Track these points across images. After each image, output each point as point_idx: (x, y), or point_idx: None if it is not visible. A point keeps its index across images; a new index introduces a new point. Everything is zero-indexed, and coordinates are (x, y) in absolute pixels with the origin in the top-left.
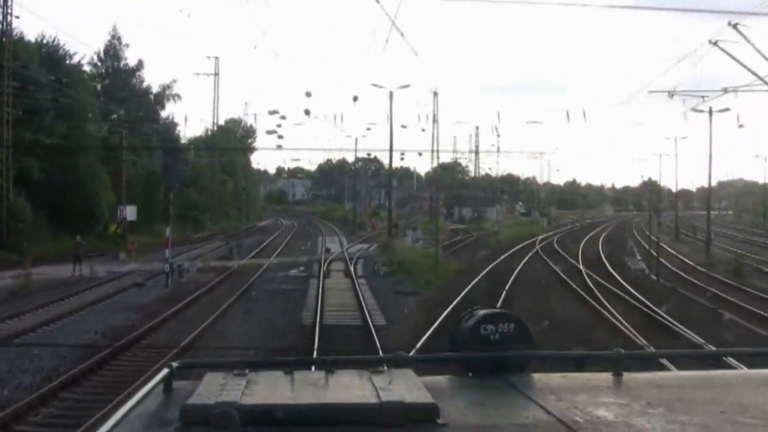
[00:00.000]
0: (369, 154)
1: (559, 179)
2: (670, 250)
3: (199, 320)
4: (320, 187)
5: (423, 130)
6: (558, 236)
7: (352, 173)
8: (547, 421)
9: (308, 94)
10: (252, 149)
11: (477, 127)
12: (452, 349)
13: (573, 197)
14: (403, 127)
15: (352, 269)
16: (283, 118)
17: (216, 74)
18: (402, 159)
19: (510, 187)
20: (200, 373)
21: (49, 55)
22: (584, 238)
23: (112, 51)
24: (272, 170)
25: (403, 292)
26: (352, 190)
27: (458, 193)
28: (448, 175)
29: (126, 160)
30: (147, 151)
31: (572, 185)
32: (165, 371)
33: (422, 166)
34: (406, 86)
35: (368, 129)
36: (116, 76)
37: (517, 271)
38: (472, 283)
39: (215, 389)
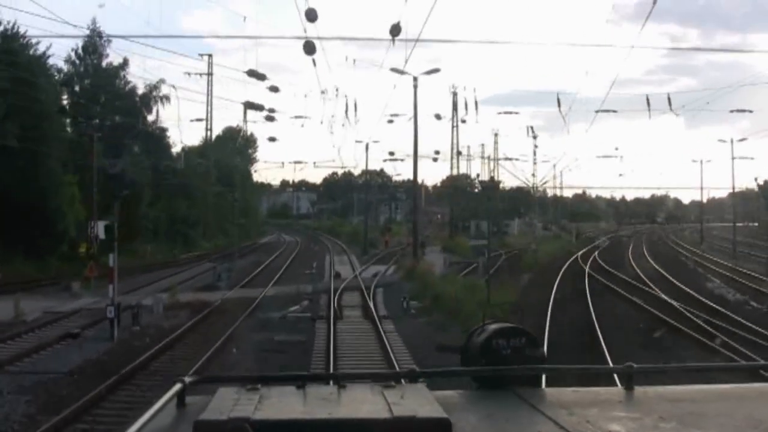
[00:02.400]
0: (391, 154)
1: (568, 192)
2: (743, 270)
3: (132, 417)
4: (325, 201)
5: (463, 121)
6: (596, 253)
7: (360, 186)
8: None
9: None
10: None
11: (496, 134)
12: (464, 363)
13: (585, 210)
14: (438, 117)
15: (371, 305)
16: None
17: (210, 74)
18: (398, 175)
19: (522, 200)
20: (213, 388)
21: (5, 44)
22: (629, 255)
23: (92, 47)
24: (276, 183)
25: (450, 348)
26: (360, 203)
27: (473, 207)
28: (460, 187)
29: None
30: (130, 157)
31: (582, 197)
32: (178, 386)
33: (430, 177)
34: (434, 71)
35: (390, 121)
36: (97, 75)
37: (591, 303)
38: (546, 329)
39: (228, 404)
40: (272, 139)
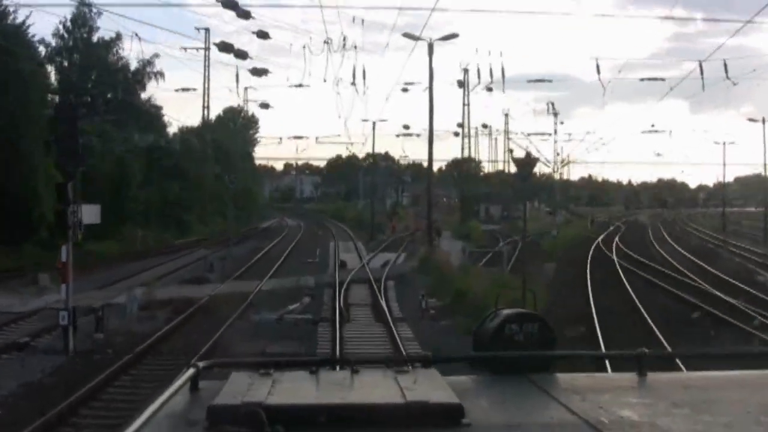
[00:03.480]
0: (406, 128)
1: (573, 175)
2: None
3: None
4: (330, 184)
5: (489, 89)
6: (617, 238)
7: (366, 169)
8: (572, 421)
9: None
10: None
11: (506, 114)
12: (476, 348)
13: (593, 194)
14: (460, 85)
15: (383, 303)
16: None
17: (207, 48)
18: (405, 156)
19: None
20: (226, 373)
21: None
22: (652, 241)
23: (81, 20)
24: (279, 166)
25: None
26: (366, 186)
27: (483, 190)
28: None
29: (90, 148)
30: (120, 136)
31: (588, 182)
32: (191, 371)
33: (436, 159)
34: (451, 36)
35: (405, 90)
36: (87, 51)
37: (642, 308)
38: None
39: (241, 389)
40: (264, 106)
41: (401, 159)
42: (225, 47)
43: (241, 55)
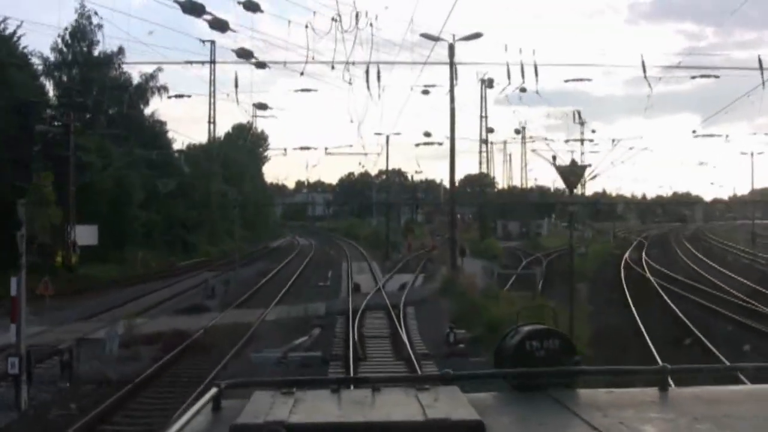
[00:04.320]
0: (427, 135)
1: (587, 190)
2: None
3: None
4: (342, 202)
5: (523, 89)
6: (644, 254)
7: (379, 185)
8: None
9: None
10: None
11: (523, 127)
12: (497, 365)
13: (606, 209)
14: (490, 85)
15: (403, 335)
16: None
17: (212, 62)
18: (419, 172)
19: (542, 199)
20: (248, 392)
21: None
22: (682, 257)
23: (80, 33)
24: (291, 184)
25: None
26: (379, 204)
27: (502, 206)
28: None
29: (89, 164)
30: (123, 152)
31: (602, 196)
32: (213, 390)
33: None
34: (474, 36)
35: (425, 92)
36: (87, 65)
37: (691, 325)
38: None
39: (263, 408)
40: (261, 107)
41: (415, 174)
42: (243, 54)
43: (246, 55)
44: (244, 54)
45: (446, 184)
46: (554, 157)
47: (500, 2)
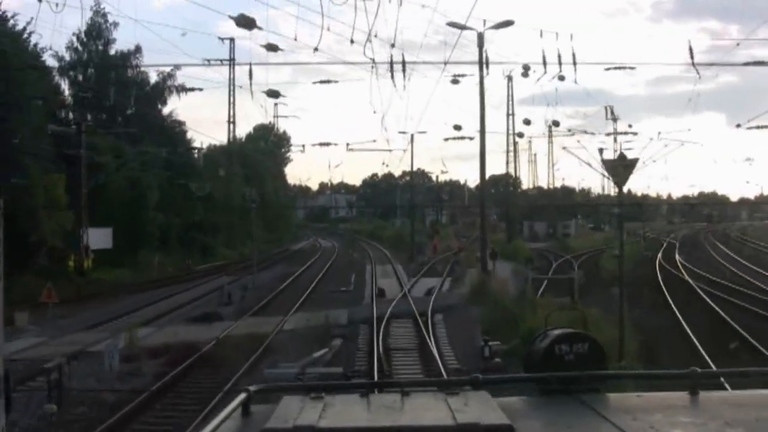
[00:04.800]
0: (457, 128)
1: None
2: None
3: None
4: (366, 203)
5: (561, 77)
6: (677, 256)
7: (404, 186)
8: None
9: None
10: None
11: (554, 122)
12: (527, 369)
13: (633, 209)
14: (525, 73)
15: (433, 347)
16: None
17: (231, 60)
18: (445, 172)
19: (567, 200)
20: (277, 397)
21: None
22: (717, 258)
23: (96, 32)
24: (315, 186)
25: None
26: (403, 205)
27: (528, 206)
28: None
29: (103, 165)
30: (138, 151)
31: (628, 196)
32: (243, 395)
33: (473, 177)
34: (505, 24)
35: (455, 82)
36: (104, 64)
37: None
38: None
39: (293, 413)
40: (274, 94)
41: (441, 174)
42: (271, 47)
43: (273, 48)
44: (271, 48)
45: (470, 185)
46: (601, 150)
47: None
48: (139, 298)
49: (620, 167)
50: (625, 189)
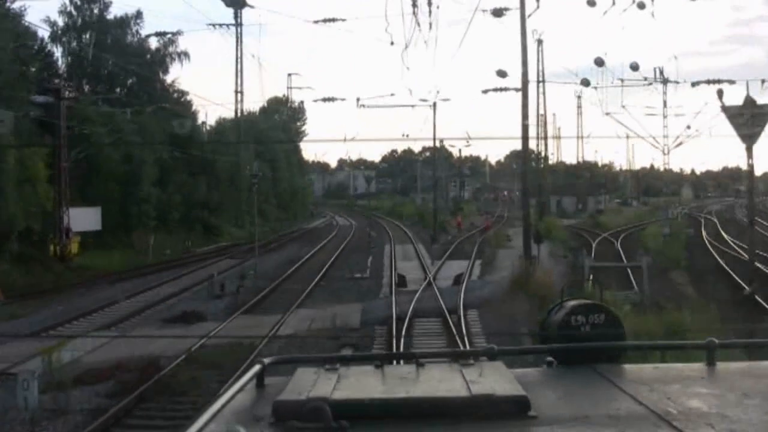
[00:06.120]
0: (502, 75)
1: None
2: None
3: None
4: (385, 179)
5: (641, 4)
6: (723, 233)
7: (424, 161)
8: (640, 412)
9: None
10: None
11: (579, 96)
12: (542, 340)
13: (655, 184)
14: (592, 2)
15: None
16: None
17: (239, 24)
18: (468, 145)
19: (590, 175)
20: (292, 369)
21: None
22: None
23: None
24: (333, 162)
25: None
26: (424, 180)
27: (551, 183)
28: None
29: (90, 135)
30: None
31: (651, 171)
32: (257, 367)
33: (494, 154)
34: None
35: (497, 13)
36: (100, 29)
37: None
38: None
39: (307, 384)
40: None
41: (464, 147)
42: None
43: None
44: None
45: (491, 160)
46: (721, 91)
47: None
48: (121, 288)
49: (748, 119)
50: (647, 164)
